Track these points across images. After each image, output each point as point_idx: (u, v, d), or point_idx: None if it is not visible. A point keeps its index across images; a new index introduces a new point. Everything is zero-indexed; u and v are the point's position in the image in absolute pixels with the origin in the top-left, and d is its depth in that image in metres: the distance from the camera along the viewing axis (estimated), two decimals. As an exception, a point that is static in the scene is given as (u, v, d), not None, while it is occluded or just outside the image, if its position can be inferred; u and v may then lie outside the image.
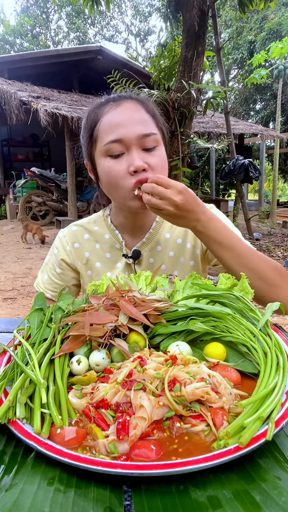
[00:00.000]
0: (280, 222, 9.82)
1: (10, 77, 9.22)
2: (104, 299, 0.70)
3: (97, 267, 1.10)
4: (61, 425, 0.49)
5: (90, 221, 1.14)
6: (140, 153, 0.89)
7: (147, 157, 0.90)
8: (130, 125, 0.89)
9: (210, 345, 0.62)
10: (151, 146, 0.91)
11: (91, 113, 0.97)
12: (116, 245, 1.08)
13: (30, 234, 7.43)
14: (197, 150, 12.60)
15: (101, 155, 0.92)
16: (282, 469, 0.44)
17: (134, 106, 0.93)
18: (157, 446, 0.46)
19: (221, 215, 1.04)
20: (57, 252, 1.12)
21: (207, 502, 0.39)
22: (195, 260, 1.07)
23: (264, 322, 0.63)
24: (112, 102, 0.94)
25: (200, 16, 4.26)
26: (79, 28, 21.75)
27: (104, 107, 0.94)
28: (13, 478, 0.44)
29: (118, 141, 0.89)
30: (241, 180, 6.91)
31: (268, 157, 15.27)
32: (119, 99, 0.94)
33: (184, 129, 4.53)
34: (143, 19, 22.22)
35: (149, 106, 0.97)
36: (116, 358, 0.63)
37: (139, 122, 0.90)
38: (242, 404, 0.48)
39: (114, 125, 0.90)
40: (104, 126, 0.91)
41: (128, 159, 0.89)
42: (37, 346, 0.64)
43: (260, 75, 8.17)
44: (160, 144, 0.94)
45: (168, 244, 1.06)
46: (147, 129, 0.90)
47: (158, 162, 0.91)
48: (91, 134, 0.95)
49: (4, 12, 34.35)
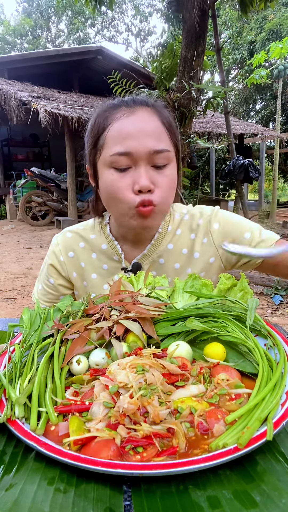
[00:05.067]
0: (280, 222, 9.81)
1: (10, 77, 9.22)
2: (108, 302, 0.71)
3: (92, 279, 1.02)
4: (57, 422, 0.50)
5: (86, 228, 1.05)
6: (148, 170, 0.81)
7: (155, 176, 0.82)
8: (142, 138, 0.80)
9: (210, 345, 0.62)
10: (161, 164, 0.82)
11: (100, 115, 0.87)
12: (114, 257, 1.00)
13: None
14: (197, 150, 12.59)
15: (105, 165, 0.84)
16: (282, 470, 0.44)
17: (149, 116, 0.83)
18: (116, 448, 0.45)
19: (231, 214, 0.98)
20: (50, 261, 1.05)
21: (207, 502, 0.39)
22: (206, 271, 0.98)
23: (252, 319, 0.63)
24: (125, 108, 0.84)
25: (200, 16, 4.26)
26: (79, 29, 21.76)
27: (115, 111, 0.84)
28: (13, 478, 0.44)
29: (126, 154, 0.80)
30: (241, 180, 6.90)
31: (268, 157, 15.26)
32: (133, 105, 0.84)
33: (184, 129, 4.52)
34: (144, 19, 22.23)
35: (166, 116, 0.87)
36: (116, 357, 0.63)
37: (153, 136, 0.81)
38: (228, 419, 0.48)
39: (124, 135, 0.80)
40: (112, 134, 0.82)
41: (134, 176, 0.81)
42: (35, 345, 0.64)
43: (260, 75, 8.17)
44: (172, 161, 0.85)
45: (173, 256, 0.98)
46: (160, 145, 0.81)
47: (166, 183, 0.83)
48: (97, 139, 0.86)
49: (4, 13, 34.31)
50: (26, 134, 12.00)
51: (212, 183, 13.17)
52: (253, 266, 0.98)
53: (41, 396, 0.54)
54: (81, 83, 10.80)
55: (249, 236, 0.95)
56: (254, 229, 0.96)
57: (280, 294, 3.80)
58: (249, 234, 0.95)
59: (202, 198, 9.58)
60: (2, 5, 34.00)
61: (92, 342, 0.65)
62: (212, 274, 0.98)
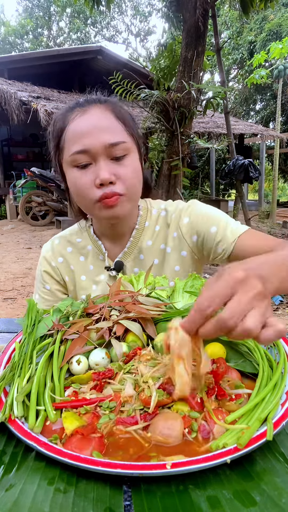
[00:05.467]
0: (280, 222, 9.82)
1: (10, 77, 9.22)
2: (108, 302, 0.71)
3: (82, 281, 1.05)
4: (55, 420, 0.50)
5: (72, 233, 1.08)
6: (108, 163, 0.84)
7: (116, 168, 0.84)
8: (96, 133, 0.82)
9: (210, 345, 0.62)
10: (120, 155, 0.84)
11: (58, 120, 0.91)
12: (99, 257, 1.03)
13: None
14: (197, 150, 12.59)
15: (68, 165, 0.87)
16: (282, 470, 0.44)
17: (101, 112, 0.86)
18: (98, 444, 0.46)
19: (203, 207, 0.97)
20: (44, 268, 1.07)
21: (207, 502, 0.39)
22: (181, 264, 0.99)
23: None
24: (78, 108, 0.87)
25: (203, 16, 4.26)
26: (80, 28, 21.76)
27: (70, 113, 0.88)
28: (13, 478, 0.44)
29: (83, 152, 0.83)
30: (241, 180, 6.90)
31: (268, 157, 15.26)
32: (86, 105, 0.87)
33: (184, 129, 4.52)
34: (143, 19, 22.23)
35: (120, 110, 0.89)
36: (116, 357, 0.63)
37: (106, 130, 0.83)
38: (228, 419, 0.48)
39: (79, 134, 0.83)
40: (69, 135, 0.85)
41: (94, 171, 0.84)
42: (33, 344, 0.64)
43: (260, 75, 8.18)
44: (131, 152, 0.87)
45: (151, 252, 1.00)
46: (115, 138, 0.83)
47: (127, 172, 0.85)
48: (58, 142, 0.89)
49: (4, 13, 34.33)
50: (26, 134, 12.00)
51: (212, 183, 13.17)
52: (224, 261, 0.96)
53: (40, 395, 0.54)
54: (81, 83, 10.78)
55: (215, 230, 0.93)
56: (221, 223, 0.93)
57: (280, 294, 3.80)
58: (215, 228, 0.93)
59: (202, 198, 9.58)
60: (3, 5, 33.96)
61: (92, 342, 0.65)
62: (188, 266, 0.99)
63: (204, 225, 0.95)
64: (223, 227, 0.92)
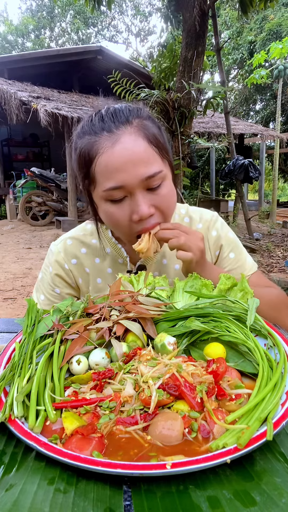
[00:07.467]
0: (280, 222, 9.82)
1: (10, 77, 9.22)
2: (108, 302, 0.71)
3: (97, 284, 1.01)
4: (55, 420, 0.50)
5: (86, 234, 1.04)
6: (145, 195, 0.80)
7: (154, 198, 0.81)
8: (131, 168, 0.77)
9: (210, 345, 0.62)
10: (157, 185, 0.81)
11: (84, 146, 0.82)
12: (118, 260, 1.00)
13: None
14: (197, 150, 12.60)
15: (101, 199, 0.83)
16: (282, 470, 0.44)
17: (133, 140, 0.79)
18: (98, 444, 0.46)
19: (228, 228, 1.05)
20: (55, 271, 1.02)
21: (207, 502, 0.39)
22: None
23: (252, 319, 0.63)
24: (106, 134, 0.79)
25: (200, 16, 4.26)
26: (80, 28, 21.75)
27: (97, 140, 0.80)
28: (13, 478, 0.44)
29: (119, 188, 0.79)
30: (241, 180, 6.91)
31: (268, 157, 15.26)
32: (114, 129, 0.79)
33: (184, 129, 4.52)
34: (144, 19, 22.23)
35: (150, 130, 0.82)
36: (116, 357, 0.63)
37: (141, 162, 0.78)
38: (228, 419, 0.48)
39: (112, 169, 0.78)
40: (101, 169, 0.79)
41: (131, 204, 0.80)
42: (33, 344, 0.64)
43: (260, 75, 8.18)
44: (167, 177, 0.84)
45: (174, 257, 0.97)
46: (151, 169, 0.79)
47: (165, 200, 0.83)
48: (87, 172, 0.83)
49: (7, 11, 34.39)
50: (26, 134, 12.00)
51: (212, 183, 13.17)
52: None
53: (40, 395, 0.54)
54: (81, 83, 10.79)
55: (233, 256, 1.02)
56: (241, 254, 1.04)
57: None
58: (234, 255, 1.02)
59: (202, 198, 9.57)
60: (6, 4, 33.98)
61: (92, 342, 0.65)
62: None
63: (227, 247, 1.03)
64: (241, 259, 1.03)
